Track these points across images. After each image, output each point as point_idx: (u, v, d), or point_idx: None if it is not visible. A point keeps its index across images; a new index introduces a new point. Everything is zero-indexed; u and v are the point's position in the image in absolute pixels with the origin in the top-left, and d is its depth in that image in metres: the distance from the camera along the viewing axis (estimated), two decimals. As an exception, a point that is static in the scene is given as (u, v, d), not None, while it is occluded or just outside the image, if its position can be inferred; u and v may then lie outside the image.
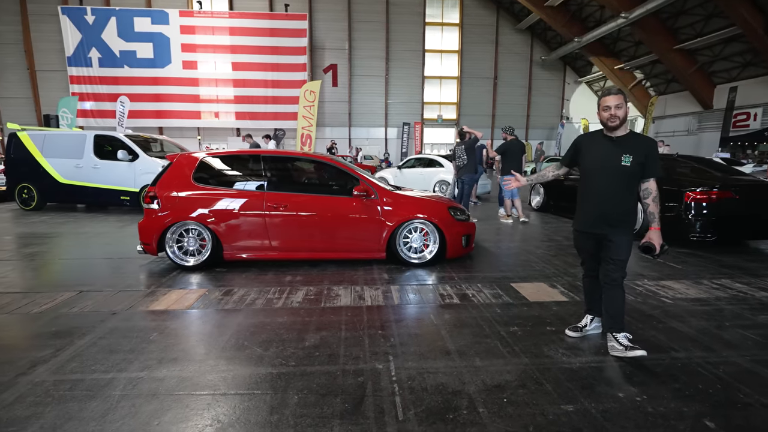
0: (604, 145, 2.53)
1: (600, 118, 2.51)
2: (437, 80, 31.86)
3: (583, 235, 2.68)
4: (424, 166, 11.42)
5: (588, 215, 2.60)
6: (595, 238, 2.61)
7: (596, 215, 2.56)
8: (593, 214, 2.57)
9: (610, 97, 2.45)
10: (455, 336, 2.83)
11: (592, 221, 2.58)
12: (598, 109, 2.52)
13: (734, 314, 3.23)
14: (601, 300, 2.66)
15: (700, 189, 5.24)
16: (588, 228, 2.62)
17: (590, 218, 2.59)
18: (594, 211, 2.56)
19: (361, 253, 4.56)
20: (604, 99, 2.48)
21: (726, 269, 4.54)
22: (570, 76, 33.64)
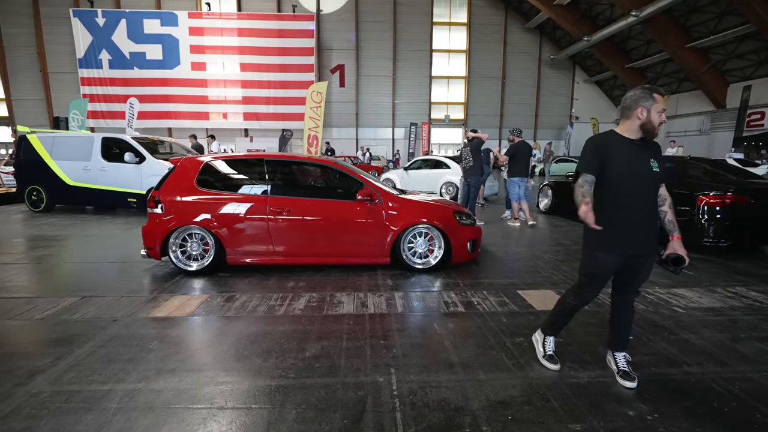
0: (632, 150, 2.13)
1: (652, 121, 2.08)
2: (445, 80, 31.72)
3: (614, 258, 2.18)
4: (431, 168, 11.34)
5: (626, 233, 2.14)
6: (625, 259, 2.20)
7: (638, 232, 2.16)
8: (634, 231, 2.15)
9: (664, 100, 2.10)
10: (459, 347, 2.76)
11: (633, 239, 2.15)
12: (646, 111, 2.08)
13: (750, 325, 3.12)
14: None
15: (714, 193, 5.10)
16: (628, 249, 2.16)
17: (630, 236, 2.15)
18: (634, 227, 2.15)
19: (365, 258, 4.50)
20: (662, 100, 2.08)
21: (740, 276, 4.40)
22: (579, 76, 33.25)
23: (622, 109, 2.19)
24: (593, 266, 2.24)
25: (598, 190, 2.18)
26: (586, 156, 2.17)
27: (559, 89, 32.96)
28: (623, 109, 2.19)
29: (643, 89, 2.12)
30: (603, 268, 2.22)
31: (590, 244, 2.24)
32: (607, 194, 2.16)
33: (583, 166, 2.17)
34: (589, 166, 2.14)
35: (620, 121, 2.23)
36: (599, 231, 2.07)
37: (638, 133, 2.14)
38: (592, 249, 2.23)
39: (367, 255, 4.49)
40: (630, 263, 2.21)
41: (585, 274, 2.30)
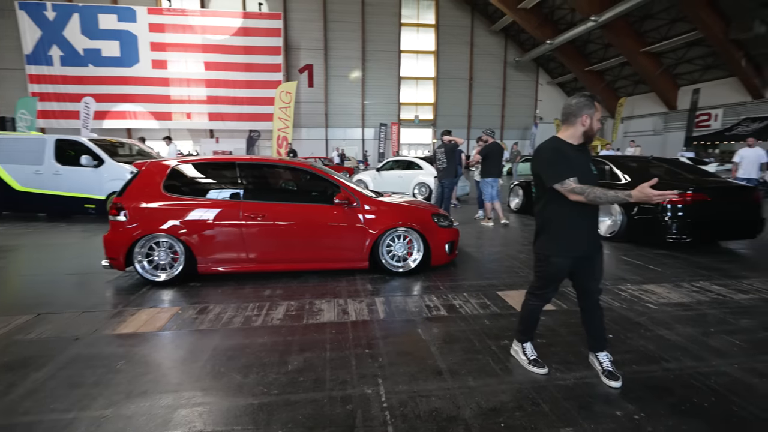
0: (578, 155, 2.24)
1: (591, 128, 2.21)
2: (414, 81, 31.96)
3: (566, 261, 2.28)
4: (403, 169, 11.33)
5: (578, 237, 2.27)
6: (577, 261, 2.30)
7: (588, 234, 2.30)
8: (584, 233, 2.28)
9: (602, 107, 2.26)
10: (446, 353, 2.72)
11: (584, 242, 2.28)
12: (590, 118, 2.19)
13: (717, 319, 3.26)
14: None
15: (677, 191, 5.33)
16: (577, 253, 2.28)
17: (581, 239, 2.27)
18: (587, 230, 2.29)
19: (344, 263, 4.40)
20: (600, 108, 2.23)
21: (703, 271, 4.62)
22: (543, 78, 34.37)
23: (566, 115, 2.26)
24: (549, 270, 2.33)
25: (548, 195, 2.26)
26: (558, 164, 2.19)
27: (524, 90, 33.92)
28: (567, 115, 2.25)
29: (585, 97, 2.21)
30: (559, 271, 2.32)
31: (545, 250, 2.32)
32: (560, 199, 2.22)
33: (559, 174, 2.17)
34: (567, 172, 2.17)
35: (563, 127, 2.30)
36: (554, 236, 2.27)
37: (581, 138, 2.25)
38: (548, 254, 2.31)
39: (345, 260, 4.39)
40: (582, 264, 2.32)
41: (542, 278, 2.39)
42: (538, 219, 2.38)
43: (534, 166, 2.33)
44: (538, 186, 2.36)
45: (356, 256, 4.37)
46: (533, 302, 2.49)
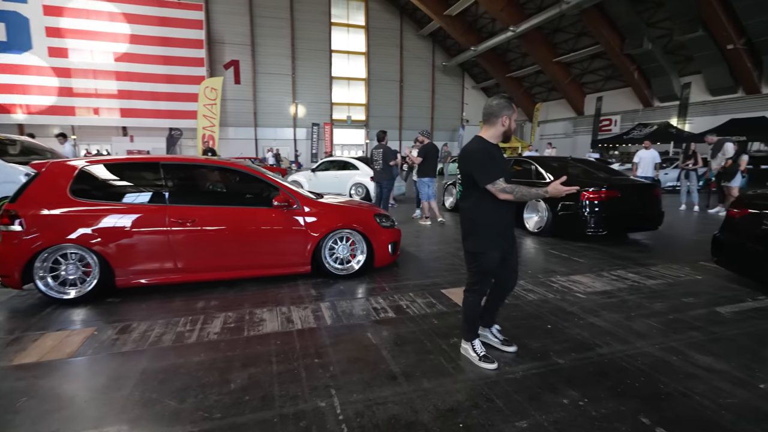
0: (500, 154, 2.44)
1: (509, 128, 2.38)
2: (345, 81, 31.84)
3: (498, 254, 2.43)
4: (339, 169, 11.20)
5: (505, 230, 2.46)
6: (503, 253, 2.48)
7: (510, 227, 2.50)
8: (508, 226, 2.49)
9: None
10: (398, 355, 2.68)
11: (509, 234, 2.50)
12: (509, 119, 2.36)
13: (636, 304, 3.60)
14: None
15: (593, 189, 5.85)
16: (505, 244, 2.47)
17: (507, 231, 2.48)
18: (510, 223, 2.49)
19: (284, 269, 4.19)
20: (516, 110, 2.38)
21: (618, 261, 5.11)
22: (468, 82, 36.11)
23: (488, 116, 2.38)
24: (485, 265, 2.45)
25: (478, 194, 2.39)
26: (488, 165, 2.32)
27: (451, 94, 35.38)
28: (488, 116, 2.38)
29: (505, 98, 2.36)
30: (493, 263, 2.45)
31: (479, 247, 2.42)
32: (489, 198, 2.36)
33: (492, 175, 2.30)
34: (498, 172, 2.33)
35: (484, 127, 2.42)
36: (485, 232, 2.39)
37: (500, 138, 2.41)
38: (483, 250, 2.42)
39: (286, 265, 4.18)
40: (505, 255, 2.51)
41: (478, 273, 2.50)
42: (465, 216, 2.49)
43: (463, 165, 2.42)
44: (465, 185, 2.47)
45: (297, 260, 4.18)
46: (472, 298, 2.56)
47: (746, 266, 3.98)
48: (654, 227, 6.25)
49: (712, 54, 19.27)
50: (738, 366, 2.55)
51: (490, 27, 28.39)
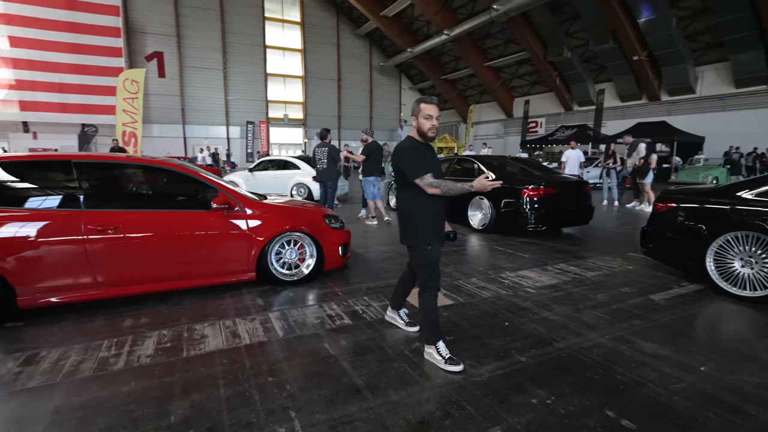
0: (429, 152, 2.56)
1: (422, 126, 2.47)
2: (281, 78, 30.84)
3: (438, 244, 2.57)
4: (279, 169, 10.71)
5: (439, 222, 2.58)
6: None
7: (442, 221, 2.62)
8: (441, 220, 2.60)
9: (433, 107, 2.45)
10: (359, 366, 2.51)
11: (439, 227, 2.60)
12: (417, 117, 2.48)
13: (582, 296, 3.76)
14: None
15: (532, 186, 6.10)
16: (441, 237, 2.60)
17: (441, 224, 2.60)
18: (442, 217, 2.60)
19: (226, 277, 3.82)
20: (428, 107, 2.44)
21: (558, 254, 5.36)
22: (405, 83, 36.69)
23: (411, 118, 2.55)
24: (430, 257, 2.53)
25: (410, 190, 2.49)
26: (416, 161, 2.44)
27: (389, 94, 35.74)
28: (411, 118, 2.55)
29: (416, 101, 2.51)
30: (437, 255, 2.57)
31: (420, 240, 2.51)
32: (420, 193, 2.45)
33: (419, 171, 2.41)
34: (426, 168, 2.43)
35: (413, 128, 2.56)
36: (422, 226, 2.51)
37: (420, 137, 2.52)
38: (424, 243, 2.51)
39: (227, 273, 3.82)
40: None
41: (427, 266, 2.55)
42: (402, 212, 2.59)
43: (395, 162, 2.53)
44: (399, 181, 2.57)
45: (240, 267, 3.84)
46: (429, 295, 2.56)
47: (670, 255, 4.34)
48: (586, 221, 6.67)
49: (621, 64, 21.36)
50: (679, 350, 2.72)
51: (425, 30, 29.05)
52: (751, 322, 3.20)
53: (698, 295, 3.79)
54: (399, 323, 3.03)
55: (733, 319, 3.30)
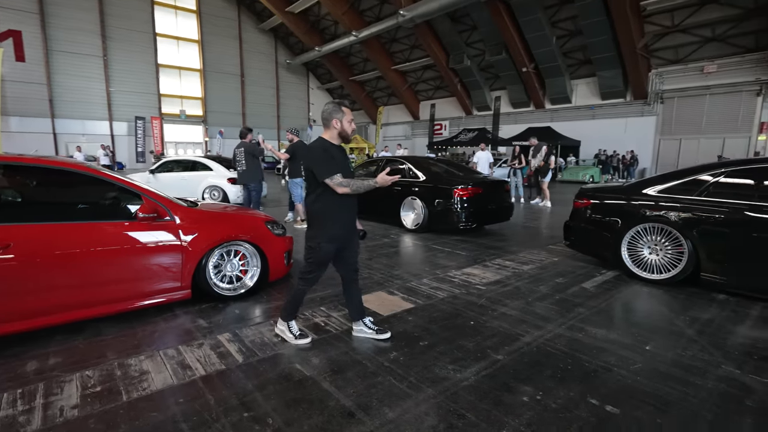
0: (341, 153, 2.66)
1: (347, 130, 2.60)
2: (176, 70, 28.05)
3: (333, 246, 2.65)
4: (187, 170, 9.67)
5: (345, 223, 2.67)
6: (340, 244, 2.69)
7: (352, 221, 2.74)
8: (349, 220, 2.71)
9: (351, 111, 2.63)
10: (342, 385, 2.31)
11: (348, 228, 2.71)
12: (339, 121, 2.57)
13: (527, 290, 4.00)
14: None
15: (462, 186, 6.37)
16: (344, 236, 2.69)
17: (345, 225, 2.68)
18: (350, 217, 2.72)
19: (155, 298, 3.26)
20: (349, 111, 2.61)
21: (491, 250, 5.66)
22: (313, 82, 36.03)
23: (324, 120, 2.61)
24: (320, 256, 2.65)
25: (320, 190, 2.57)
26: (325, 161, 2.52)
27: (297, 93, 34.78)
28: (324, 120, 2.62)
29: (334, 103, 2.61)
30: (327, 256, 2.68)
31: (317, 238, 2.62)
32: (329, 193, 2.56)
33: (329, 170, 2.50)
34: (336, 168, 2.52)
35: (324, 129, 2.66)
36: (324, 225, 2.60)
37: (338, 139, 2.64)
38: (319, 242, 2.61)
39: (158, 293, 3.26)
40: (344, 246, 2.73)
41: (313, 263, 2.68)
42: (310, 210, 2.67)
43: (305, 162, 2.64)
44: (309, 181, 2.65)
45: (173, 285, 3.32)
46: (303, 286, 2.76)
47: (590, 247, 4.85)
48: (507, 218, 7.18)
49: (512, 74, 23.64)
50: (623, 333, 3.02)
51: (333, 29, 28.82)
52: (664, 302, 3.71)
53: (617, 280, 4.29)
54: (369, 333, 2.91)
55: (650, 300, 3.79)
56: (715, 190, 3.90)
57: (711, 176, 3.96)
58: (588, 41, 19.56)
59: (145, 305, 3.22)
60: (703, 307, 3.53)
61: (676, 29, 17.62)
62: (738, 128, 17.81)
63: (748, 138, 17.56)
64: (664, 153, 20.32)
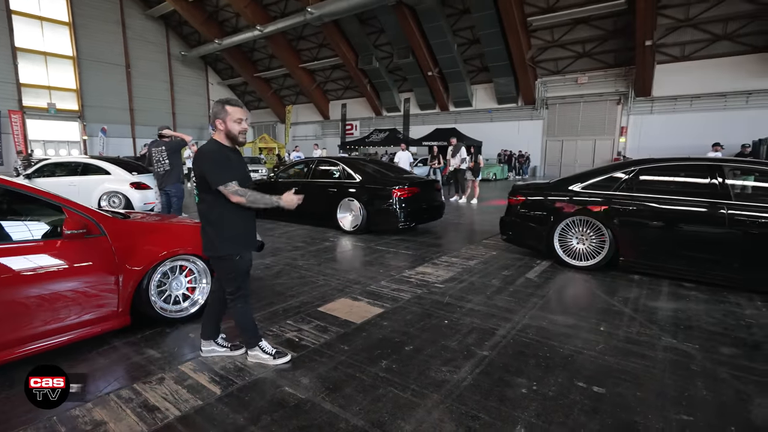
0: (237, 157, 2.42)
1: (232, 130, 2.34)
2: (41, 56, 23.84)
3: (250, 254, 2.49)
4: (75, 174, 8.25)
5: (251, 230, 2.49)
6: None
7: (254, 229, 2.53)
8: (253, 228, 2.51)
9: (241, 110, 2.37)
10: (345, 404, 2.16)
11: (253, 235, 2.52)
12: (223, 122, 2.33)
13: (481, 284, 4.19)
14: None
15: (399, 186, 6.46)
16: (252, 246, 2.52)
17: (253, 232, 2.51)
18: (254, 225, 2.52)
19: (86, 330, 2.69)
20: (237, 110, 2.35)
21: (433, 248, 5.84)
22: (213, 78, 33.52)
23: (212, 121, 2.41)
24: (241, 268, 2.43)
25: (214, 196, 2.30)
26: (220, 167, 2.26)
27: (195, 88, 32.06)
28: (212, 121, 2.42)
29: (217, 103, 2.39)
30: (248, 263, 2.48)
31: (231, 250, 2.37)
32: (224, 198, 2.29)
33: (224, 177, 2.24)
34: (231, 174, 2.27)
35: (216, 131, 2.41)
36: (238, 235, 2.38)
37: (228, 141, 2.39)
38: (235, 253, 2.38)
39: (90, 323, 2.71)
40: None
41: (236, 279, 2.43)
42: (206, 221, 2.38)
43: (196, 167, 2.32)
44: (201, 188, 2.36)
45: (108, 312, 2.79)
46: (241, 306, 2.49)
47: (525, 240, 5.28)
48: (440, 216, 7.46)
49: (419, 77, 24.70)
50: (578, 317, 3.34)
51: (234, 22, 27.10)
52: (596, 285, 4.18)
53: (552, 269, 4.73)
54: (221, 352, 2.65)
55: (585, 285, 4.25)
56: (627, 185, 4.52)
57: (624, 174, 4.59)
58: (485, 50, 21.31)
59: (73, 339, 2.65)
60: (627, 288, 4.07)
61: (556, 44, 20.11)
62: (605, 132, 20.98)
63: (613, 140, 20.81)
64: (550, 153, 23.07)
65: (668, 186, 4.40)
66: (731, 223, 3.85)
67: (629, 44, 18.12)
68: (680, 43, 17.79)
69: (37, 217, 2.71)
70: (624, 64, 19.37)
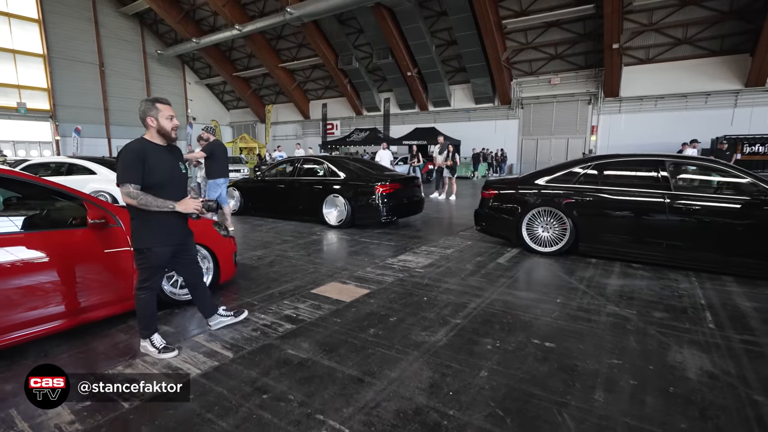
0: (165, 155, 2.49)
1: (165, 127, 2.45)
2: (9, 54, 23.20)
3: (167, 249, 2.57)
4: (60, 174, 8.34)
5: (173, 227, 2.55)
6: (175, 248, 2.64)
7: (181, 224, 2.62)
8: (178, 224, 2.58)
9: (170, 107, 2.46)
10: (341, 360, 2.57)
11: (179, 231, 2.62)
12: (155, 119, 2.42)
13: (457, 268, 4.67)
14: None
15: (381, 183, 6.89)
16: (175, 241, 2.60)
17: (176, 228, 2.58)
18: (177, 221, 2.57)
19: (105, 310, 3.01)
20: (167, 107, 2.45)
21: (414, 239, 6.29)
22: (190, 77, 33.18)
23: (141, 120, 2.47)
24: (153, 261, 2.54)
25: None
26: (129, 167, 2.34)
27: (172, 88, 31.66)
28: (141, 120, 2.47)
29: (147, 101, 2.46)
30: (161, 259, 2.57)
31: (145, 243, 2.49)
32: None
33: (128, 176, 2.33)
34: (133, 176, 2.35)
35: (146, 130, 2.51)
36: (153, 229, 2.47)
37: (161, 139, 2.49)
38: (149, 246, 2.49)
39: (110, 303, 3.04)
40: (180, 250, 2.69)
41: (146, 269, 2.56)
42: (131, 214, 2.50)
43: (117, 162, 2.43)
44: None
45: (120, 294, 3.11)
46: (144, 295, 2.58)
47: (497, 230, 5.78)
48: (420, 211, 7.93)
49: (398, 78, 25.19)
50: (539, 293, 3.84)
51: (211, 21, 27.00)
52: (558, 267, 4.71)
53: (521, 255, 5.25)
54: (227, 321, 3.06)
55: (549, 267, 4.77)
56: (584, 179, 5.07)
57: (581, 169, 5.14)
58: (462, 51, 21.94)
59: (94, 318, 2.98)
60: (584, 269, 4.62)
61: (530, 46, 20.93)
62: (577, 130, 21.95)
63: (585, 138, 21.80)
64: (526, 151, 23.95)
65: (619, 179, 4.97)
66: (671, 210, 4.44)
67: (598, 47, 19.08)
68: (645, 47, 18.85)
69: (58, 209, 3.01)
70: (594, 65, 20.34)
